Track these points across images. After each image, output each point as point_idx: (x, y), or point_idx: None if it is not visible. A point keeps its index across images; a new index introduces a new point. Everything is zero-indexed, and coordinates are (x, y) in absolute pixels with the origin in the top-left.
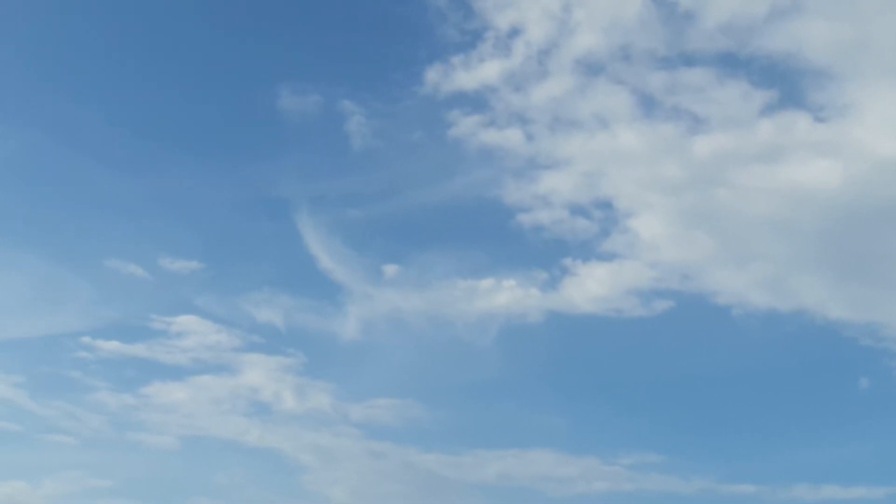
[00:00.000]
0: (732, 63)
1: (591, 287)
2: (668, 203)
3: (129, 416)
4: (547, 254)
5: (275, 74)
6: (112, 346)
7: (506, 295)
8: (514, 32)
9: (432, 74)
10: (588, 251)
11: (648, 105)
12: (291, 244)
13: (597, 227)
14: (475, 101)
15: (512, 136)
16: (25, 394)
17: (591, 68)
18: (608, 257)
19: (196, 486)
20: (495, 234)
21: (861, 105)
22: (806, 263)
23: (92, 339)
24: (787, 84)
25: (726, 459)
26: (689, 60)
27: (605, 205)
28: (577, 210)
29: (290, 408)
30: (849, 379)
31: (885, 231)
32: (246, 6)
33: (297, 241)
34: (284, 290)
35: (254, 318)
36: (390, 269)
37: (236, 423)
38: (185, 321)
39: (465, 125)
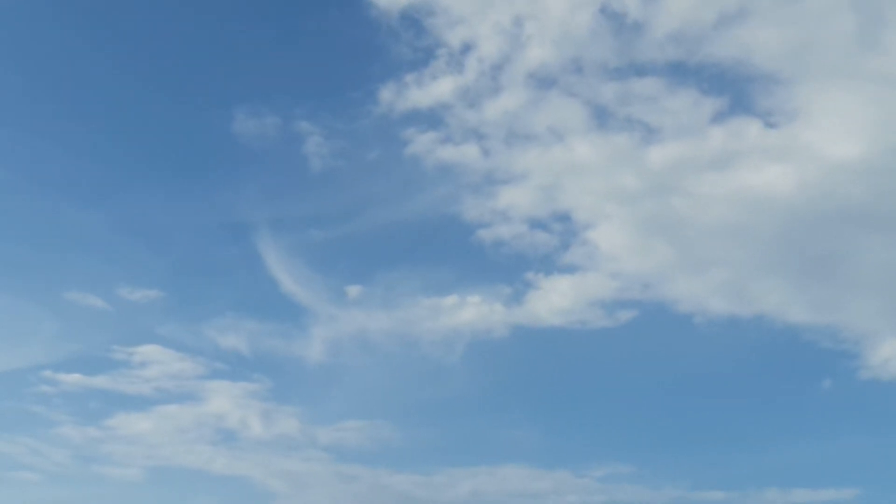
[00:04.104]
0: (682, 72)
1: (554, 300)
2: (626, 213)
3: (94, 449)
4: (509, 268)
5: (230, 98)
6: (74, 378)
7: (470, 311)
8: (466, 48)
9: (387, 93)
10: (549, 264)
11: (602, 116)
12: (253, 268)
13: (557, 240)
14: (430, 118)
15: (468, 152)
16: None
17: (543, 82)
18: (570, 270)
19: None
20: (457, 251)
21: (810, 109)
22: (764, 268)
23: (54, 373)
24: (736, 91)
25: (696, 467)
26: (639, 71)
27: (564, 217)
28: (537, 224)
29: (257, 434)
30: (812, 381)
31: (840, 233)
32: (198, 31)
33: (259, 264)
34: (248, 314)
35: (217, 345)
36: (354, 290)
37: (203, 451)
38: (148, 351)
39: (421, 142)
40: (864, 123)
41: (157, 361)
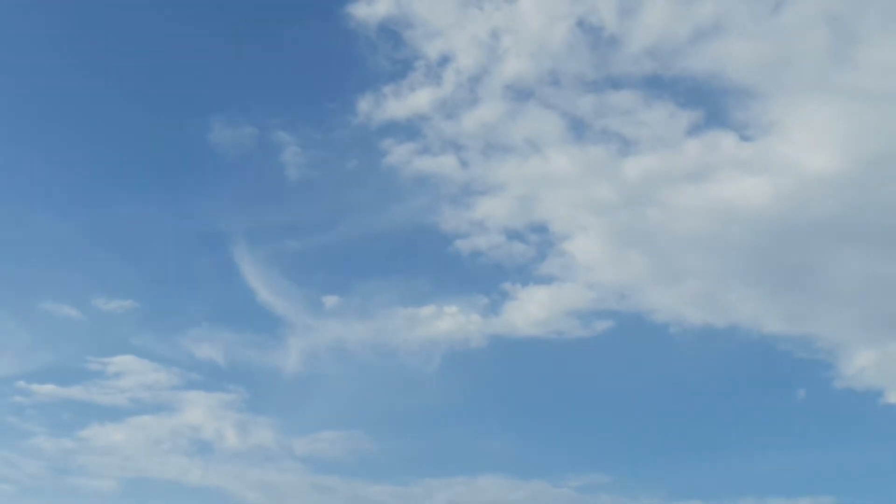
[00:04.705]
0: (658, 85)
1: (531, 310)
2: (602, 224)
3: (68, 460)
4: (486, 279)
5: (207, 107)
6: (48, 389)
7: (448, 321)
8: (444, 60)
9: (364, 104)
10: (526, 275)
11: (578, 128)
12: (229, 278)
13: (534, 251)
14: (408, 129)
15: (446, 163)
16: None
17: (520, 93)
18: (546, 280)
19: None
20: (434, 261)
21: (785, 122)
22: (739, 279)
23: (27, 383)
24: (711, 104)
25: (672, 476)
26: (616, 83)
27: (541, 228)
28: (514, 234)
29: (233, 445)
30: (787, 391)
31: (814, 245)
32: (175, 40)
33: (235, 274)
34: (223, 325)
35: (193, 355)
36: (330, 300)
37: (178, 462)
38: (122, 361)
39: (399, 153)
40: (838, 137)
41: (132, 372)
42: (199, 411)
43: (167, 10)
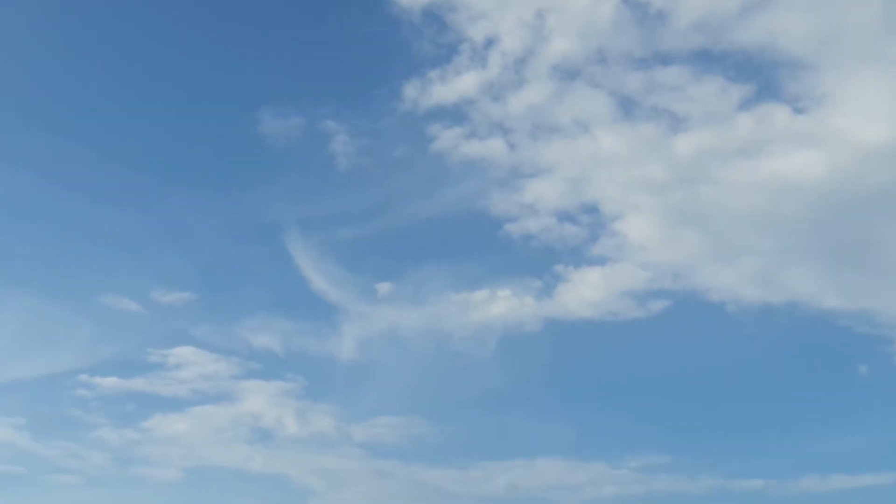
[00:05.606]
0: (707, 59)
1: (585, 292)
2: (654, 203)
3: (132, 451)
4: (538, 262)
5: (256, 99)
6: (111, 382)
7: (501, 305)
8: (489, 43)
9: (411, 90)
10: (579, 256)
11: (627, 106)
12: (284, 268)
13: (585, 232)
14: (455, 114)
15: (494, 147)
16: (27, 435)
17: (567, 73)
18: (599, 261)
19: None
20: (486, 246)
21: (839, 94)
22: (795, 255)
23: (90, 377)
24: (763, 77)
25: (733, 456)
26: (664, 59)
27: (592, 209)
28: (565, 216)
29: (293, 432)
30: (848, 367)
31: (872, 218)
32: (222, 33)
33: (289, 264)
34: (280, 314)
35: (250, 345)
36: (384, 287)
37: (239, 450)
38: (182, 352)
39: (446, 138)
40: (893, 107)
41: (192, 363)
42: (259, 400)
43: (214, 5)
